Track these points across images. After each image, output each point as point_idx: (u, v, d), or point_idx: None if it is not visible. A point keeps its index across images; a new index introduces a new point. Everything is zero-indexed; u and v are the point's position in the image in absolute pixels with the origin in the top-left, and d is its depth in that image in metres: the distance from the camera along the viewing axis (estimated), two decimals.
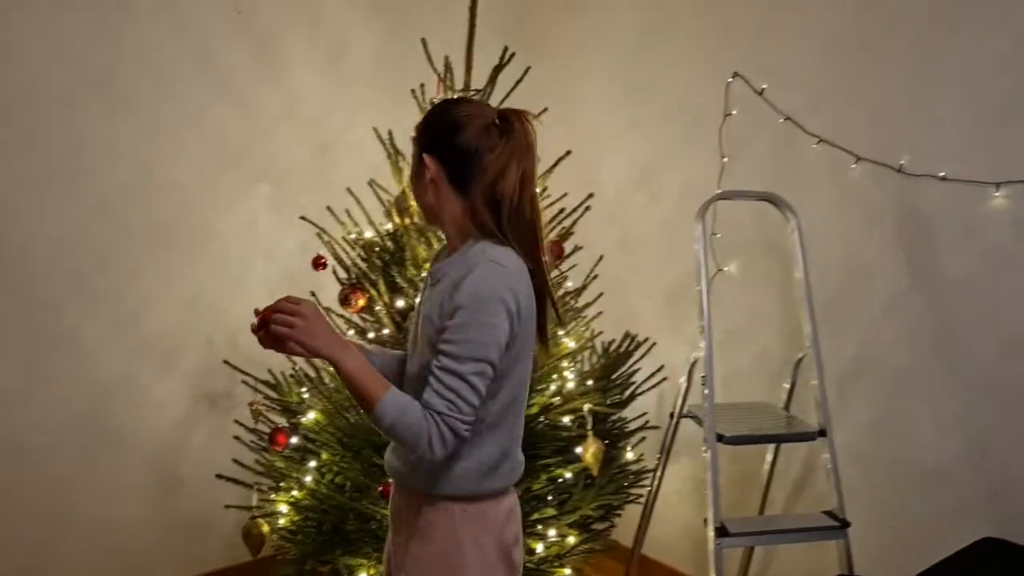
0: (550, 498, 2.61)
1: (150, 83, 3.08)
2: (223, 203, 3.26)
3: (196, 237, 3.22)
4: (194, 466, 3.24)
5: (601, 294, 2.91)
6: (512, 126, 1.68)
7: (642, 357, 2.92)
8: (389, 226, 2.77)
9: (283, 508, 2.66)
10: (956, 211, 2.63)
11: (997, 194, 2.54)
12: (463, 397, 1.59)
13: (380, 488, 2.46)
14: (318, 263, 2.82)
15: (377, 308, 2.59)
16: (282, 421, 2.78)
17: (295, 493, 2.65)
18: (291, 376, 2.87)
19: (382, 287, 2.60)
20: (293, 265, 3.37)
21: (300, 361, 2.89)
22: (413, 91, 2.78)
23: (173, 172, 3.15)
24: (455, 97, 2.51)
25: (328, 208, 2.81)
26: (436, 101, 2.77)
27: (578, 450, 2.61)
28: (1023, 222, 2.51)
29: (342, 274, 2.76)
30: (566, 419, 2.65)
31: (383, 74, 3.58)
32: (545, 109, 2.33)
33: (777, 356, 3.12)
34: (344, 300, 2.61)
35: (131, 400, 3.11)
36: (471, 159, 1.66)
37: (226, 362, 2.85)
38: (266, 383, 2.85)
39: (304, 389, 2.82)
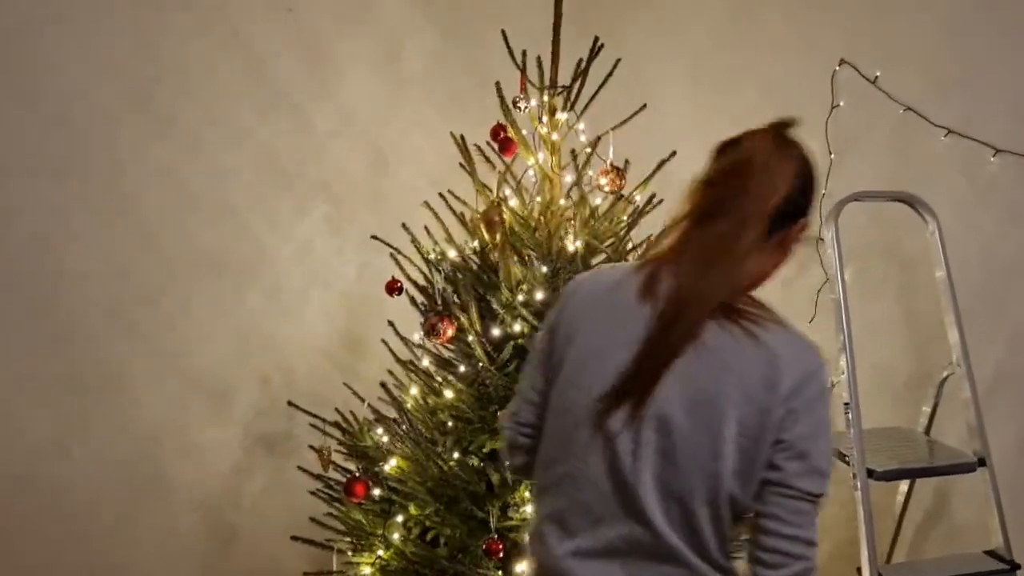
0: None
1: (193, 101, 2.80)
2: (275, 227, 2.95)
3: (247, 265, 2.91)
4: (249, 519, 2.90)
5: None
6: None
7: None
8: (475, 244, 2.45)
9: (366, 571, 2.33)
10: None
11: None
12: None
13: (484, 545, 2.13)
14: (393, 287, 2.50)
15: (470, 338, 2.27)
16: (355, 469, 2.46)
17: (381, 553, 2.32)
18: (366, 418, 2.54)
19: (474, 314, 2.27)
20: (353, 291, 3.06)
21: (374, 400, 2.57)
22: (497, 85, 2.44)
23: (220, 195, 2.85)
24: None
25: (403, 225, 2.49)
26: (519, 100, 2.48)
27: None
28: None
29: (420, 299, 2.45)
30: None
31: (440, 76, 3.27)
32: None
33: (902, 372, 2.80)
34: (431, 330, 2.28)
35: (179, 447, 2.79)
36: None
37: (291, 403, 2.53)
38: (335, 424, 2.52)
39: (381, 431, 2.49)
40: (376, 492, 2.34)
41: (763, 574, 1.26)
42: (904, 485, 2.68)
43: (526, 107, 2.46)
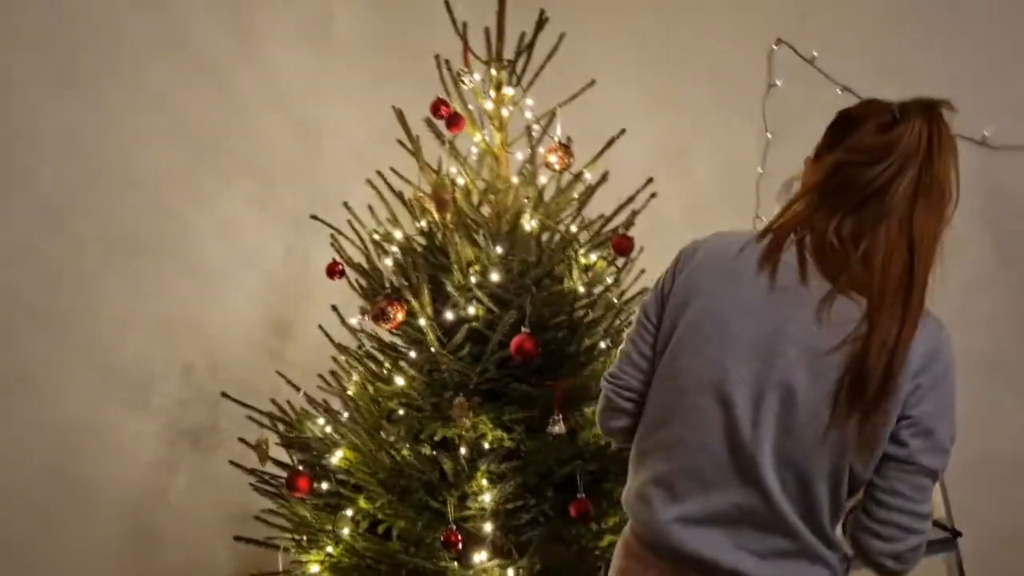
0: None
1: (98, 57, 2.55)
2: (195, 202, 2.75)
3: (165, 244, 2.69)
4: (175, 517, 2.72)
5: (643, 289, 2.56)
6: None
7: None
8: (423, 223, 2.34)
9: (314, 569, 2.21)
10: None
11: None
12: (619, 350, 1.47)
13: (442, 536, 2.04)
14: (334, 270, 2.37)
15: (421, 322, 2.16)
16: (293, 462, 2.33)
17: (330, 550, 2.20)
18: (303, 408, 2.40)
19: (426, 297, 2.17)
20: (281, 272, 2.90)
21: (314, 389, 2.44)
22: (437, 58, 2.34)
23: (137, 167, 2.62)
24: None
25: (345, 204, 2.36)
26: (464, 73, 2.37)
27: None
28: None
29: (362, 283, 2.33)
30: None
31: (371, 46, 3.11)
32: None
33: None
34: (380, 315, 2.17)
35: (97, 444, 2.57)
36: None
37: (224, 395, 2.36)
38: (270, 415, 2.38)
39: (322, 421, 2.37)
40: (324, 486, 2.23)
41: (878, 547, 1.26)
42: None
43: (471, 81, 2.37)
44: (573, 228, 2.33)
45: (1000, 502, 2.51)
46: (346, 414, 2.37)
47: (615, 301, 2.37)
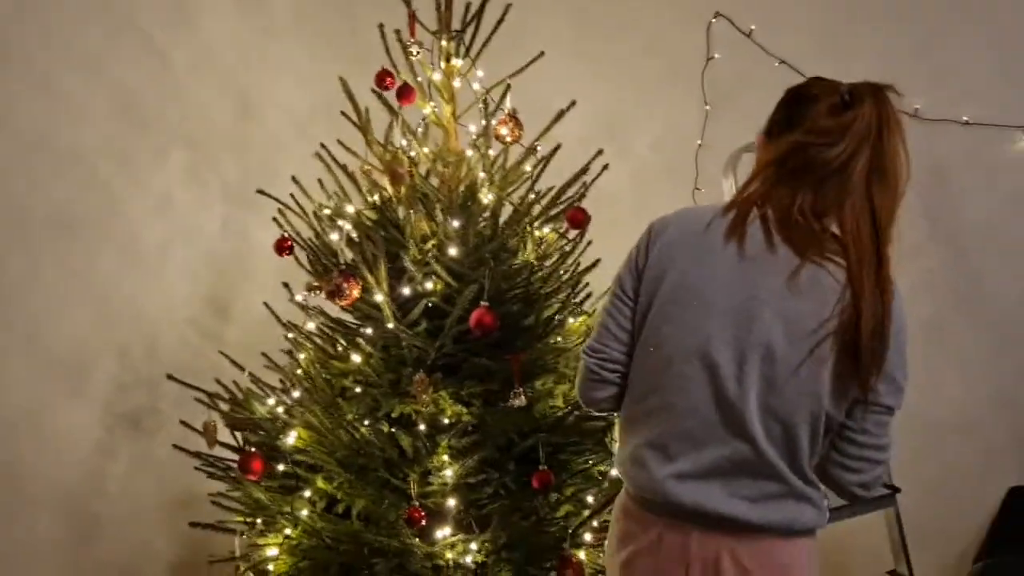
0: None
1: (25, 22, 2.38)
2: (129, 175, 2.61)
3: (100, 220, 2.56)
4: (115, 505, 2.61)
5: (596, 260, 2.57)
6: None
7: None
8: (375, 198, 2.29)
9: (272, 552, 2.17)
10: (978, 156, 2.54)
11: None
12: (594, 324, 1.55)
13: (405, 514, 2.03)
14: (283, 246, 2.31)
15: (378, 298, 2.12)
16: (243, 443, 2.28)
17: (288, 532, 2.16)
18: (249, 388, 2.34)
19: (382, 272, 2.13)
20: (218, 249, 2.80)
21: (258, 369, 2.38)
22: (381, 28, 2.29)
23: (70, 140, 2.48)
24: None
25: (293, 178, 2.30)
26: (412, 44, 2.33)
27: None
28: None
29: (320, 260, 2.28)
30: None
31: (309, 15, 3.02)
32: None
33: None
34: (336, 291, 2.12)
35: (31, 430, 2.42)
36: None
37: (171, 377, 2.27)
38: (216, 396, 2.31)
39: (273, 401, 2.31)
40: (280, 467, 2.19)
41: (849, 479, 1.42)
42: None
43: (418, 52, 2.33)
44: (528, 201, 2.32)
45: (935, 459, 2.63)
46: (296, 393, 2.34)
47: (568, 273, 2.37)
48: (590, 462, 2.28)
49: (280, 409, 2.28)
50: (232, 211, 2.81)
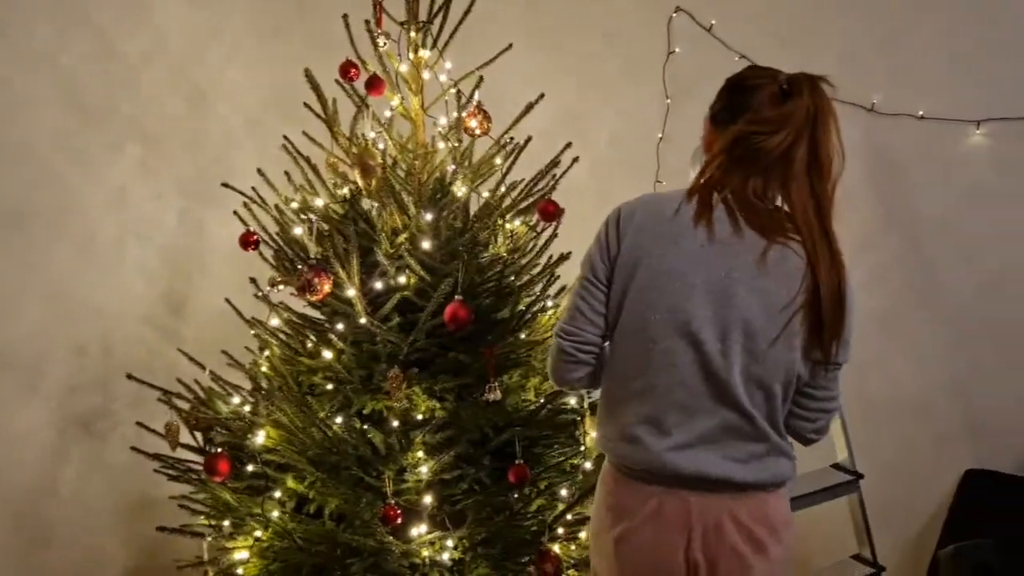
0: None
1: None
2: (83, 169, 2.52)
3: (54, 215, 2.47)
4: (67, 509, 2.52)
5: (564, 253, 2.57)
6: None
7: None
8: (344, 191, 2.25)
9: (242, 555, 2.11)
10: (933, 149, 2.60)
11: (978, 132, 2.53)
12: (565, 307, 1.61)
13: (380, 512, 2.00)
14: (249, 240, 2.26)
15: (350, 293, 2.08)
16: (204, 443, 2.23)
17: (258, 534, 2.11)
18: (211, 388, 2.28)
19: (354, 266, 2.09)
20: (174, 244, 2.71)
21: (220, 367, 2.32)
22: (346, 18, 2.25)
23: (24, 134, 2.39)
24: None
25: (259, 171, 2.24)
26: (379, 34, 2.29)
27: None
28: (1003, 159, 2.52)
29: (286, 255, 2.22)
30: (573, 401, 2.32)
31: (264, 9, 2.94)
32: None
33: None
34: (307, 286, 2.07)
35: None
36: None
37: (131, 376, 2.19)
38: (177, 396, 2.24)
39: (238, 400, 2.25)
40: (249, 468, 2.13)
41: (806, 427, 1.58)
42: None
43: (385, 43, 2.28)
44: (499, 193, 2.30)
45: (892, 444, 2.70)
46: (263, 391, 2.28)
47: (540, 267, 2.36)
48: (563, 455, 2.29)
49: (247, 408, 2.23)
50: (188, 205, 2.73)
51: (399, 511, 2.00)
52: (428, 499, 2.05)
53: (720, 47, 2.86)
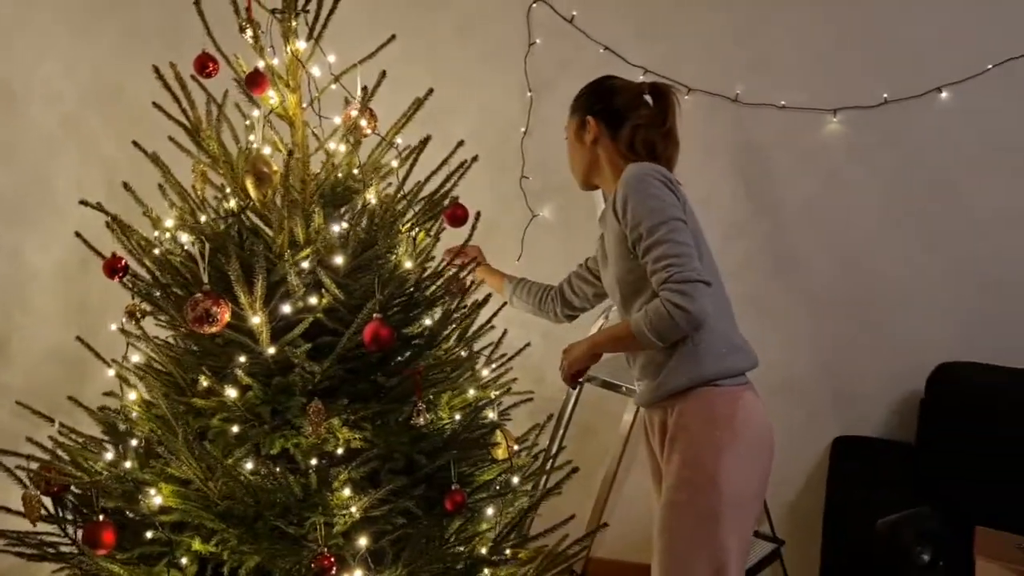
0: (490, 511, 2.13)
1: None
2: None
3: None
4: None
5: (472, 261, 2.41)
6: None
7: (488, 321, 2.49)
8: (231, 204, 1.96)
9: None
10: (794, 138, 2.71)
11: (834, 120, 2.67)
12: (674, 253, 1.78)
13: (313, 563, 1.77)
14: (116, 266, 1.92)
15: (255, 320, 1.81)
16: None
17: None
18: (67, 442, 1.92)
19: (260, 290, 1.81)
20: None
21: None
22: (198, 5, 1.96)
23: None
24: None
25: (125, 185, 1.90)
26: (247, 25, 2.02)
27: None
28: (859, 146, 2.68)
29: (157, 281, 1.90)
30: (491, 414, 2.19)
31: None
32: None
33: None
34: (204, 317, 1.77)
35: None
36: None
37: None
38: (29, 458, 1.86)
39: (111, 456, 1.92)
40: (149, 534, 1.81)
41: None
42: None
43: (254, 35, 2.02)
44: (399, 198, 2.10)
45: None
46: (134, 442, 1.96)
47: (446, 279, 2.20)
48: (486, 474, 2.16)
49: (128, 464, 1.90)
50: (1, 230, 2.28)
51: (332, 560, 1.79)
52: (363, 540, 1.84)
53: (582, 38, 2.82)
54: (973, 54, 2.56)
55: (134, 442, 1.97)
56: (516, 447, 2.24)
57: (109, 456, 1.93)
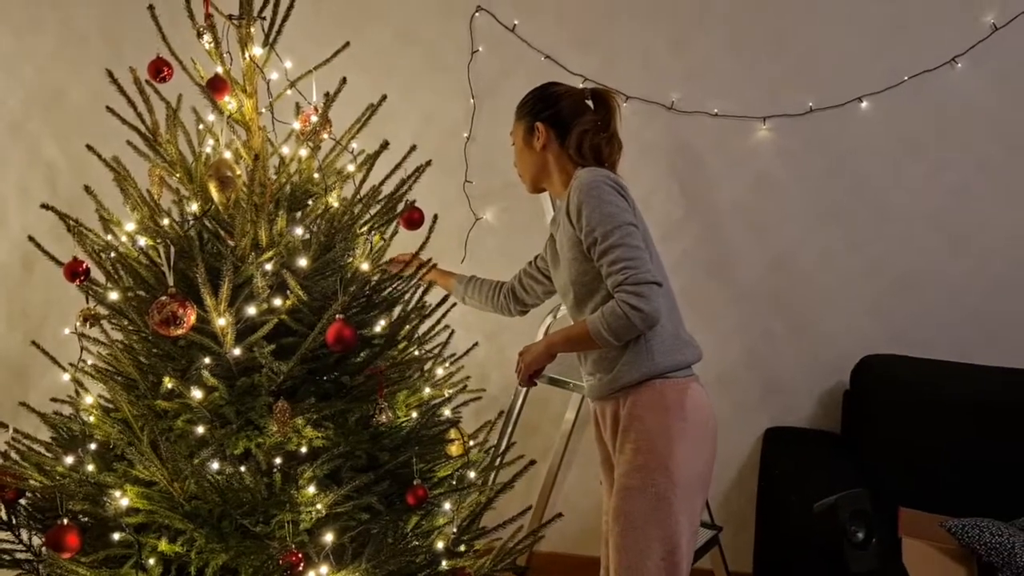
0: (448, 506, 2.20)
1: None
2: None
3: None
4: None
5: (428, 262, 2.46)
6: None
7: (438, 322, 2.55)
8: (194, 207, 1.97)
9: None
10: (726, 144, 2.86)
11: (764, 127, 2.82)
12: (628, 256, 1.88)
13: (280, 560, 1.81)
14: (77, 270, 1.91)
15: (221, 323, 1.84)
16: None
17: None
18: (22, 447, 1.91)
19: (225, 292, 1.84)
20: None
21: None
22: (152, 9, 1.99)
23: None
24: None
25: (86, 188, 1.90)
26: (202, 29, 2.04)
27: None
28: (787, 151, 2.84)
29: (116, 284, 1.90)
30: (448, 412, 2.26)
31: None
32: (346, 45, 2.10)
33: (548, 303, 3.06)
34: (171, 320, 1.79)
35: None
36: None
37: None
38: None
39: (71, 459, 1.91)
40: (115, 536, 1.81)
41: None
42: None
43: (210, 40, 2.04)
44: (357, 203, 2.15)
45: None
46: (93, 446, 1.96)
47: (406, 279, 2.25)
48: (443, 470, 2.23)
49: (90, 467, 1.89)
50: None
51: (300, 556, 1.83)
52: (329, 537, 1.89)
53: (524, 47, 2.90)
54: (890, 67, 2.75)
55: (93, 446, 1.97)
56: (471, 443, 2.32)
57: (69, 460, 1.92)
